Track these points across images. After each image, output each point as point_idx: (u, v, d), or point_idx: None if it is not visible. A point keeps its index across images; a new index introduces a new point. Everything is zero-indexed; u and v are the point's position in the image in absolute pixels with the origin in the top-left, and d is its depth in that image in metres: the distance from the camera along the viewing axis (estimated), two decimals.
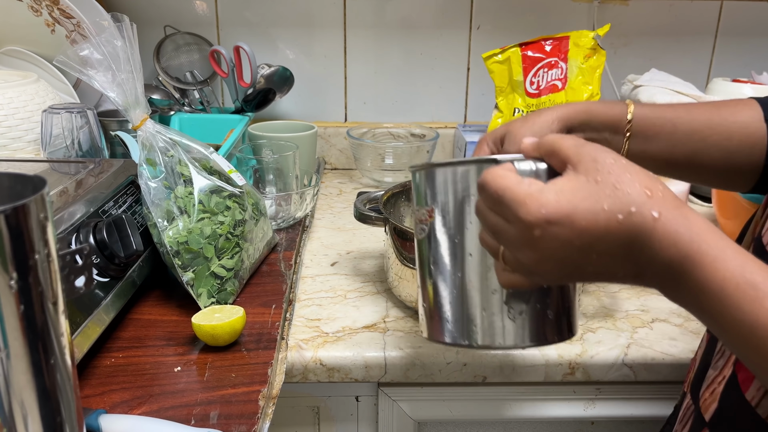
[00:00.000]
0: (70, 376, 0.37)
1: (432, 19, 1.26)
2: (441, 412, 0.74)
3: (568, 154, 0.42)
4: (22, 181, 0.36)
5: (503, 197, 0.41)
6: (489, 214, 0.43)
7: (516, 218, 0.41)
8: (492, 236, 0.44)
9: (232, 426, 0.54)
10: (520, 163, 0.45)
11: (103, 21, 0.66)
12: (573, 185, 0.40)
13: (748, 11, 1.26)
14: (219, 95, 1.31)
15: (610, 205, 0.39)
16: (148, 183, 0.70)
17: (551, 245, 0.40)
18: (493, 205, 0.43)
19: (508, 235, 0.42)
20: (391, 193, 0.83)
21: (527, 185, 0.41)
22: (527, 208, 0.40)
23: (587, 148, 0.42)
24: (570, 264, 0.41)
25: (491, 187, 0.42)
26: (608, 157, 0.41)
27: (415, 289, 0.74)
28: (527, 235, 0.40)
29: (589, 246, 0.40)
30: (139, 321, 0.71)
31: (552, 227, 0.40)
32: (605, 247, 0.40)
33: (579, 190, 0.40)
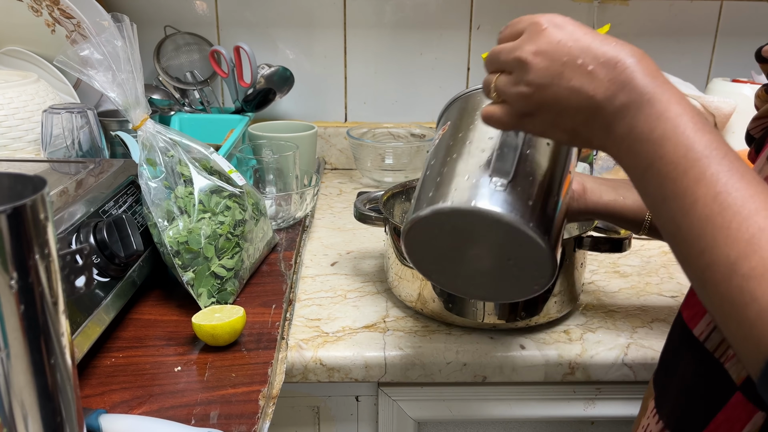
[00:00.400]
0: (71, 376, 0.37)
1: (432, 19, 1.26)
2: (441, 412, 0.74)
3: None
4: (23, 181, 0.36)
5: (522, 18, 0.48)
6: (498, 46, 0.49)
7: (528, 20, 0.47)
8: (493, 65, 0.49)
9: (232, 426, 0.54)
10: None
11: (104, 21, 0.66)
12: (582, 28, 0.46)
13: (748, 11, 1.26)
14: (219, 95, 1.31)
15: (608, 37, 0.45)
16: (148, 183, 0.70)
17: (549, 39, 0.45)
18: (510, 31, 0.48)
19: (513, 45, 0.47)
20: (391, 193, 0.83)
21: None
22: (539, 14, 0.47)
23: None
24: (557, 69, 0.45)
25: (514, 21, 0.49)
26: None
27: (415, 290, 0.74)
28: (533, 30, 0.46)
29: (579, 51, 0.44)
30: (139, 321, 0.71)
31: (556, 27, 0.45)
32: (591, 58, 0.44)
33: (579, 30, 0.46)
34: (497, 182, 0.50)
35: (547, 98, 0.46)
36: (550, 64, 0.45)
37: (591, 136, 0.46)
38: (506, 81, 0.48)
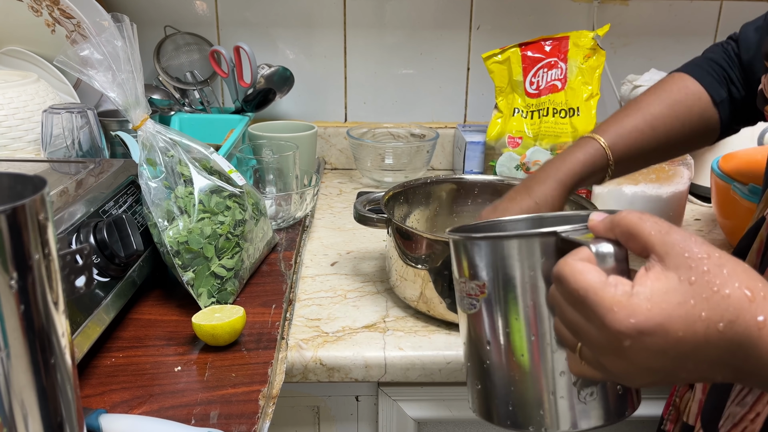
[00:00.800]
0: (71, 376, 0.37)
1: (432, 19, 1.26)
2: (441, 412, 0.74)
3: (652, 243, 0.38)
4: (23, 181, 0.36)
5: (586, 299, 0.38)
6: (567, 309, 0.40)
7: (602, 325, 0.37)
8: (570, 331, 0.41)
9: (232, 426, 0.54)
10: (598, 246, 0.40)
11: (104, 21, 0.66)
12: (664, 286, 0.36)
13: (748, 11, 1.26)
14: (219, 95, 1.31)
15: (708, 311, 0.35)
16: (148, 183, 0.70)
17: (642, 355, 0.37)
18: (573, 302, 0.39)
19: (590, 337, 0.39)
20: (392, 193, 0.83)
21: (613, 287, 0.37)
22: (615, 316, 0.36)
23: (674, 236, 0.38)
24: (661, 372, 0.38)
25: (572, 285, 0.38)
26: (701, 251, 0.37)
27: (417, 290, 0.74)
28: (615, 344, 0.37)
29: (684, 356, 0.36)
30: (139, 321, 0.71)
31: (644, 338, 0.36)
32: (703, 357, 0.36)
33: (672, 293, 0.36)
34: (586, 393, 0.44)
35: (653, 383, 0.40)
36: (650, 374, 0.38)
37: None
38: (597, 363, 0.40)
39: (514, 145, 1.14)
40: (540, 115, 1.13)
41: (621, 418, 0.46)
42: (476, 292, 0.46)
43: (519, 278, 0.44)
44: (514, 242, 0.43)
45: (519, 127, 1.14)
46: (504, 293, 0.44)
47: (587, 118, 1.13)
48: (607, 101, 1.33)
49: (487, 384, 0.47)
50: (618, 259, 0.40)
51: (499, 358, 0.46)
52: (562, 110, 1.13)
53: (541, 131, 1.13)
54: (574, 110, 1.13)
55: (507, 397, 0.46)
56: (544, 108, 1.13)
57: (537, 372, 0.45)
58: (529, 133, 1.14)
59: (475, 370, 0.48)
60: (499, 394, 0.47)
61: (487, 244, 0.45)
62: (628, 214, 0.40)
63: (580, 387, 0.44)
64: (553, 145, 1.13)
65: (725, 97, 0.68)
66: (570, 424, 0.45)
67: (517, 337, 0.45)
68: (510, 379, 0.46)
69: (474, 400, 0.49)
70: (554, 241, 0.42)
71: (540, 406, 0.45)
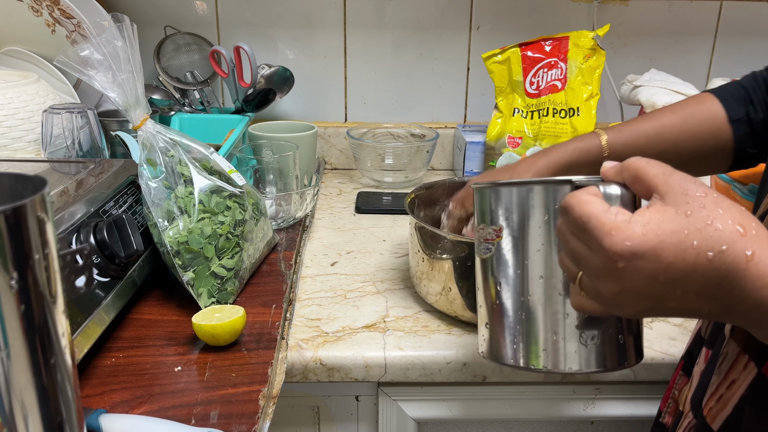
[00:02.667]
0: (71, 376, 0.37)
1: (432, 19, 1.26)
2: (441, 412, 0.74)
3: (655, 182, 0.41)
4: (23, 181, 0.36)
5: (588, 224, 0.40)
6: (571, 238, 0.42)
7: (600, 248, 0.39)
8: (572, 261, 0.43)
9: (233, 426, 0.55)
10: (606, 186, 0.43)
11: (104, 21, 0.66)
12: (661, 217, 0.39)
13: (748, 11, 1.26)
14: (219, 95, 1.31)
15: (700, 241, 0.37)
16: (148, 183, 0.70)
17: (634, 278, 0.39)
18: (576, 230, 0.41)
19: (589, 263, 0.41)
20: (415, 194, 0.83)
21: (614, 214, 0.39)
22: (612, 239, 0.39)
23: (676, 177, 0.40)
24: (652, 298, 0.40)
25: (576, 212, 0.41)
26: (699, 189, 0.39)
27: (437, 286, 0.73)
28: (610, 266, 0.39)
29: (674, 281, 0.38)
30: (139, 321, 0.71)
31: (637, 260, 0.38)
32: (692, 284, 0.38)
33: (667, 222, 0.38)
34: (588, 336, 0.47)
35: (644, 311, 0.42)
36: (641, 300, 0.40)
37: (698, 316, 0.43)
38: (594, 290, 0.42)
39: (514, 145, 1.14)
40: (540, 115, 1.14)
41: (620, 367, 0.48)
42: (493, 236, 0.49)
43: (533, 222, 0.47)
44: (532, 188, 0.47)
45: (519, 127, 1.14)
46: (518, 236, 0.47)
47: (587, 118, 1.13)
48: (607, 101, 1.33)
49: (496, 324, 0.50)
50: (624, 201, 0.43)
51: (508, 298, 0.48)
52: (562, 110, 1.13)
53: (541, 131, 1.14)
54: (574, 110, 1.13)
55: (513, 337, 0.49)
56: (544, 108, 1.13)
57: (542, 312, 0.47)
58: (529, 133, 1.14)
59: (486, 312, 0.51)
60: (505, 333, 0.49)
61: (508, 190, 0.48)
62: (636, 159, 0.42)
63: (582, 329, 0.46)
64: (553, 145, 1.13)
65: (743, 116, 0.66)
66: (570, 365, 0.47)
67: (527, 278, 0.47)
68: (517, 318, 0.48)
69: (483, 342, 0.52)
70: (568, 189, 0.45)
71: (543, 345, 0.48)
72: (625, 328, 0.48)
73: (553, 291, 0.47)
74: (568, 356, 0.47)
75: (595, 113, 1.13)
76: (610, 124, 1.11)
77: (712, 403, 0.52)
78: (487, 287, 0.50)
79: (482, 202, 0.50)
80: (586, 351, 0.47)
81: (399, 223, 1.04)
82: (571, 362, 0.47)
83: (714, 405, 0.51)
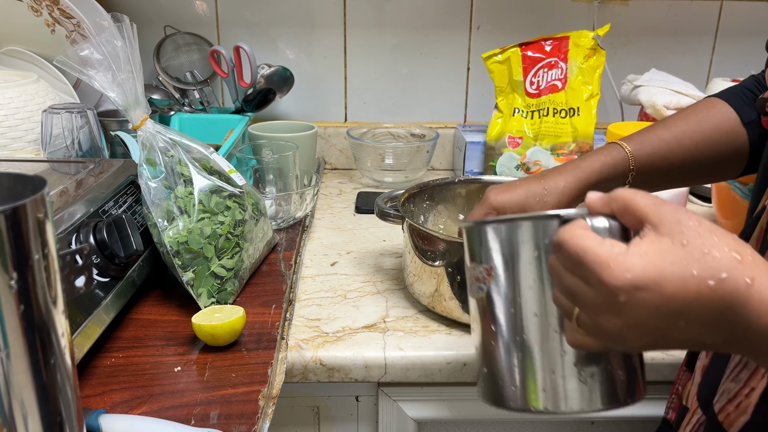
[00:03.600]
0: (70, 376, 0.37)
1: (432, 19, 1.26)
2: (441, 412, 0.74)
3: (646, 212, 0.40)
4: (22, 181, 0.36)
5: (584, 258, 0.39)
6: (565, 274, 0.41)
7: (599, 282, 0.38)
8: (567, 297, 0.42)
9: (232, 426, 0.54)
10: (593, 219, 0.42)
11: (103, 21, 0.66)
12: (658, 248, 0.38)
13: (748, 11, 1.26)
14: (219, 95, 1.31)
15: (699, 270, 0.37)
16: (148, 183, 0.70)
17: (637, 312, 0.38)
18: (572, 266, 0.41)
19: (587, 299, 0.40)
20: (408, 194, 0.83)
21: (609, 246, 0.39)
22: (611, 272, 0.38)
23: (667, 207, 0.40)
24: (655, 331, 0.39)
25: (570, 247, 0.40)
26: (691, 219, 0.39)
27: (430, 287, 0.74)
28: (611, 300, 0.38)
29: (677, 313, 0.37)
30: (139, 321, 0.71)
31: (639, 293, 0.37)
32: (695, 315, 0.37)
33: (665, 253, 0.38)
34: (587, 373, 0.45)
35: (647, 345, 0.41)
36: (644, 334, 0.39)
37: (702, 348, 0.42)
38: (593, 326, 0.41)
39: (515, 145, 1.14)
40: (540, 115, 1.13)
41: (624, 404, 0.47)
42: (484, 275, 0.47)
43: (522, 258, 0.45)
44: (520, 224, 0.45)
45: (519, 127, 1.14)
46: (509, 273, 0.46)
47: (587, 118, 1.13)
48: (607, 101, 1.33)
49: (493, 367, 0.48)
50: (613, 232, 0.42)
51: (503, 339, 0.47)
52: (562, 110, 1.13)
53: (541, 131, 1.13)
54: (575, 110, 1.13)
55: (511, 379, 0.47)
56: (544, 108, 1.13)
57: (539, 351, 0.46)
58: (530, 133, 1.14)
59: (483, 354, 0.49)
60: (503, 375, 0.48)
61: (494, 227, 0.46)
62: (624, 190, 0.41)
63: (582, 366, 0.45)
64: (553, 145, 1.13)
65: (754, 118, 0.66)
66: (572, 405, 0.46)
67: (520, 316, 0.46)
68: (513, 359, 0.47)
69: (481, 386, 0.50)
70: (557, 223, 0.44)
71: (542, 385, 0.46)
72: (625, 362, 0.46)
73: (549, 329, 0.45)
74: (569, 395, 0.46)
75: (596, 113, 1.13)
76: (610, 124, 1.11)
77: (730, 408, 0.51)
78: (483, 328, 0.49)
79: (471, 240, 0.49)
80: (587, 389, 0.45)
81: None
82: (572, 402, 0.46)
83: (732, 411, 0.51)
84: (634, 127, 1.03)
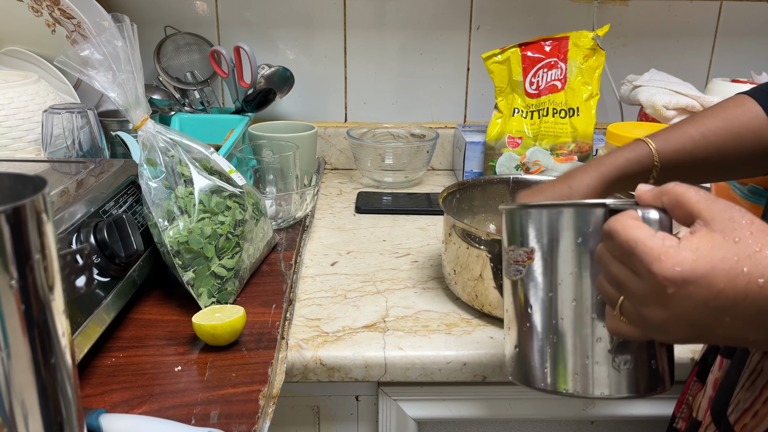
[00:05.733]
0: (71, 376, 0.37)
1: (432, 19, 1.26)
2: (441, 412, 0.74)
3: (699, 208, 0.40)
4: (23, 181, 0.36)
5: (635, 249, 0.40)
6: (614, 263, 0.42)
7: (648, 272, 0.39)
8: (613, 286, 0.43)
9: (233, 425, 0.55)
10: (645, 211, 0.43)
11: (104, 21, 0.66)
12: (710, 243, 0.38)
13: (748, 11, 1.26)
14: (219, 95, 1.31)
15: (750, 267, 0.37)
16: (148, 183, 0.70)
17: (683, 305, 0.38)
18: (621, 255, 0.41)
19: (634, 288, 0.41)
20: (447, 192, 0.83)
21: (661, 239, 0.39)
22: (662, 264, 0.38)
23: (719, 204, 0.40)
24: (700, 326, 0.39)
25: (622, 237, 0.41)
26: (744, 217, 0.39)
27: (471, 282, 0.74)
28: (658, 292, 0.39)
29: (723, 309, 0.38)
30: (139, 321, 0.71)
31: (688, 286, 0.38)
32: (741, 312, 0.38)
33: (716, 249, 0.38)
34: (620, 360, 0.46)
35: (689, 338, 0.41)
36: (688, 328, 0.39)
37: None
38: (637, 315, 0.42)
39: (514, 145, 1.14)
40: (540, 115, 1.14)
41: (652, 393, 0.48)
42: (524, 258, 0.49)
43: (566, 245, 0.46)
44: (565, 211, 0.46)
45: (519, 127, 1.14)
46: (549, 258, 0.47)
47: (587, 118, 1.13)
48: (607, 101, 1.33)
49: (526, 347, 0.49)
50: (663, 225, 0.43)
51: (538, 321, 0.48)
52: (561, 110, 1.13)
53: (541, 131, 1.14)
54: (574, 110, 1.13)
55: (543, 360, 0.48)
56: (543, 108, 1.13)
57: (574, 335, 0.47)
58: (529, 133, 1.14)
59: (515, 335, 0.51)
60: (535, 356, 0.49)
61: (538, 212, 0.48)
62: (676, 184, 0.42)
63: (616, 353, 0.46)
64: (553, 145, 1.13)
65: None
66: (602, 390, 0.46)
67: (559, 300, 0.47)
68: (548, 341, 0.48)
69: (511, 364, 0.51)
70: (601, 212, 0.45)
71: (574, 369, 0.47)
72: (658, 352, 0.47)
73: (586, 314, 0.46)
74: (599, 381, 0.46)
75: (595, 113, 1.13)
76: (609, 124, 1.11)
77: (746, 419, 0.51)
78: (517, 309, 0.50)
79: (512, 223, 0.50)
80: (617, 376, 0.46)
81: (399, 223, 1.04)
82: (602, 387, 0.46)
83: (749, 421, 0.51)
84: (634, 127, 1.03)
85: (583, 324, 0.46)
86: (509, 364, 0.52)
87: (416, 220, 1.05)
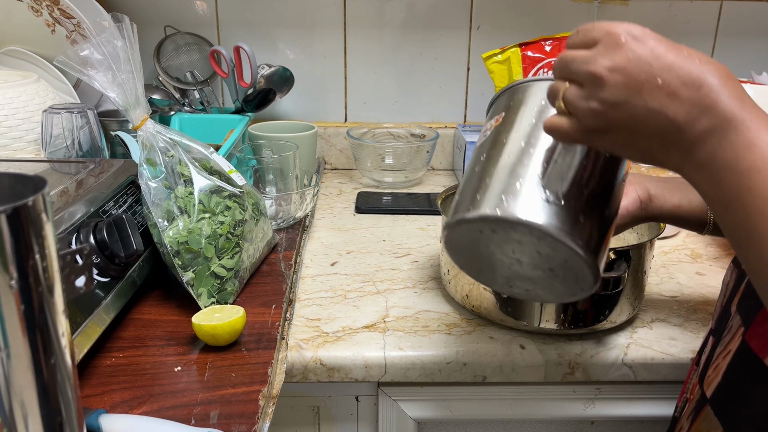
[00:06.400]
0: (71, 376, 0.37)
1: (432, 19, 1.26)
2: (441, 412, 0.74)
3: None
4: (23, 181, 0.36)
5: (596, 25, 0.44)
6: (568, 52, 0.45)
7: (603, 30, 0.43)
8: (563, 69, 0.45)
9: (233, 426, 0.55)
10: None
11: (104, 21, 0.66)
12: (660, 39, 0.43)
13: (748, 11, 1.26)
14: (219, 95, 1.31)
15: (692, 52, 0.42)
16: (148, 183, 0.70)
17: (627, 55, 0.41)
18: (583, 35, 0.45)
19: (585, 55, 0.43)
20: (446, 194, 0.83)
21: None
22: (616, 24, 0.43)
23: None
24: (631, 88, 0.41)
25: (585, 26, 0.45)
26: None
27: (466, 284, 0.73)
28: (610, 42, 0.42)
29: (659, 70, 0.41)
30: (139, 321, 0.71)
31: (635, 41, 0.42)
32: (674, 77, 0.41)
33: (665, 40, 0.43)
34: (550, 195, 0.48)
35: (621, 117, 0.43)
36: (627, 82, 0.41)
37: (666, 158, 0.43)
38: (577, 94, 0.44)
39: None
40: None
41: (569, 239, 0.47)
42: (493, 123, 0.55)
43: (530, 104, 0.53)
44: (528, 84, 0.55)
45: None
46: (514, 115, 0.53)
47: None
48: None
49: (466, 187, 0.52)
50: None
51: (485, 159, 0.52)
52: None
53: None
54: None
55: (477, 188, 0.51)
56: None
57: (511, 165, 0.50)
58: None
59: (462, 184, 0.54)
60: (472, 190, 0.51)
61: (511, 89, 0.56)
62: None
63: (547, 183, 0.49)
64: None
65: None
66: (527, 216, 0.48)
67: (509, 142, 0.52)
68: (488, 173, 0.51)
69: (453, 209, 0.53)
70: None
71: (504, 189, 0.49)
72: (587, 211, 0.49)
73: (531, 151, 0.50)
74: (526, 206, 0.48)
75: None
76: None
77: (710, 371, 0.53)
78: (470, 163, 0.54)
79: (491, 107, 0.58)
80: (546, 208, 0.48)
81: (399, 223, 1.04)
82: (528, 212, 0.47)
83: (711, 373, 0.52)
84: None
85: (524, 159, 0.50)
86: (451, 210, 0.53)
87: (416, 220, 1.05)
